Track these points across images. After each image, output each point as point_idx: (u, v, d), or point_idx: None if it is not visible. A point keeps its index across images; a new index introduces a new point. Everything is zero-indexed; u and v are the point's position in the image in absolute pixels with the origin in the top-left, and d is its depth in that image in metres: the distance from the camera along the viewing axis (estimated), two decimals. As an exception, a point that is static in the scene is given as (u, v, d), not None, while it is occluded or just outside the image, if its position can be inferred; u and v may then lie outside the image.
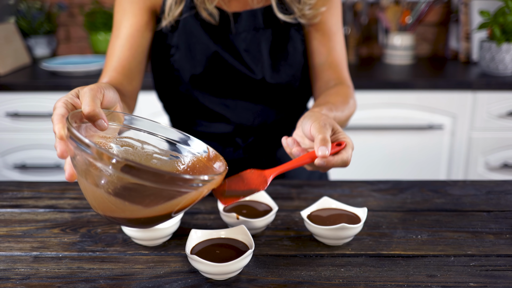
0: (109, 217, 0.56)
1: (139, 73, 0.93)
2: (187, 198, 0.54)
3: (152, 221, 0.57)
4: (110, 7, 2.26)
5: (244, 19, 0.93)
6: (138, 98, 0.96)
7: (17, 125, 1.88)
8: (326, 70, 0.98)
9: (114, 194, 0.52)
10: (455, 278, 0.63)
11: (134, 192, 0.52)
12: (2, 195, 0.91)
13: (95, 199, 0.54)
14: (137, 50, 0.91)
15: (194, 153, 0.68)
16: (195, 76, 0.95)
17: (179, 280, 0.63)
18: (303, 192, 0.91)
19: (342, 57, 0.99)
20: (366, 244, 0.72)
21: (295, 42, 0.96)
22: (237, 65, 0.94)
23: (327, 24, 0.97)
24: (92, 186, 0.53)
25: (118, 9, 0.92)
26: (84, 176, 0.53)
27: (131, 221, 0.56)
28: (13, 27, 2.11)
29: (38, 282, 0.63)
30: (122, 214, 0.55)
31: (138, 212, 0.54)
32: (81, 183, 0.55)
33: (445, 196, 0.89)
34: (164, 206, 0.54)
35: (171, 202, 0.54)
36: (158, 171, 0.50)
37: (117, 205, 0.53)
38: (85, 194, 0.56)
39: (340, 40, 0.99)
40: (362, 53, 2.35)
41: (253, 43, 0.94)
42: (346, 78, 0.99)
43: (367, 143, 1.89)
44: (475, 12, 2.07)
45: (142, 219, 0.55)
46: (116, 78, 0.88)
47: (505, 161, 1.88)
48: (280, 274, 0.64)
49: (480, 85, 1.79)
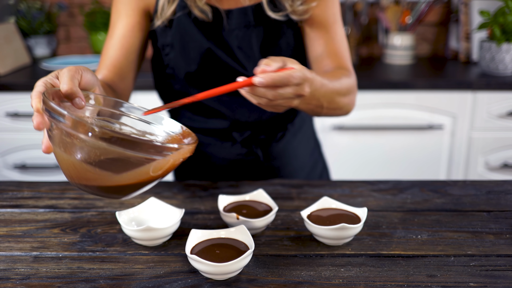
0: (83, 186, 0.59)
1: (131, 71, 0.96)
2: (155, 166, 0.57)
3: (123, 190, 0.60)
4: (110, 7, 2.25)
5: (235, 17, 0.93)
6: (131, 95, 0.98)
7: (17, 125, 1.88)
8: (325, 60, 0.95)
9: (85, 162, 0.56)
10: (455, 278, 0.63)
11: (104, 158, 0.55)
12: (2, 195, 0.91)
13: (70, 168, 0.58)
14: (128, 49, 0.94)
15: (168, 132, 0.71)
16: (190, 74, 0.96)
17: (179, 280, 0.63)
18: (303, 192, 0.91)
19: (342, 47, 0.96)
20: (366, 244, 0.72)
21: (287, 38, 0.96)
22: (230, 62, 0.95)
23: (322, 17, 0.95)
24: (66, 155, 0.57)
25: (114, 10, 0.95)
26: (59, 146, 0.57)
27: (103, 189, 0.59)
28: (13, 27, 2.11)
29: (38, 282, 0.63)
30: (94, 182, 0.58)
31: (109, 179, 0.58)
32: (57, 155, 0.59)
33: (445, 196, 0.89)
34: (133, 173, 0.57)
35: (140, 169, 0.57)
36: (126, 136, 0.54)
37: (89, 173, 0.57)
38: (61, 165, 0.60)
39: (338, 32, 0.97)
40: (362, 53, 2.35)
41: (245, 40, 0.94)
42: (347, 65, 0.95)
43: (367, 143, 1.89)
44: (475, 12, 2.07)
45: (114, 187, 0.59)
46: (108, 77, 0.91)
47: (505, 161, 1.88)
48: (280, 274, 0.64)
49: (480, 85, 1.79)
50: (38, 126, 0.60)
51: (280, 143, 1.06)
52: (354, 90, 0.92)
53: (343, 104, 0.89)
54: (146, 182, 0.60)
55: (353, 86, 0.91)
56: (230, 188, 0.93)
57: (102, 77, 0.91)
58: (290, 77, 0.65)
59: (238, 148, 1.04)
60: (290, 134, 1.07)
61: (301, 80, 0.67)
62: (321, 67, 0.96)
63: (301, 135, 1.10)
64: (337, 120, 1.84)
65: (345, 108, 0.91)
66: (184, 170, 1.12)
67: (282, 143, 1.06)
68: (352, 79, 0.92)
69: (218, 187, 0.94)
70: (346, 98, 0.89)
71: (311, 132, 1.15)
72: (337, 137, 1.88)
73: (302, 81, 0.67)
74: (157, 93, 1.06)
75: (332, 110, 0.88)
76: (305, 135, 1.12)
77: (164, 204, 0.78)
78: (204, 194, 0.91)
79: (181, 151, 0.59)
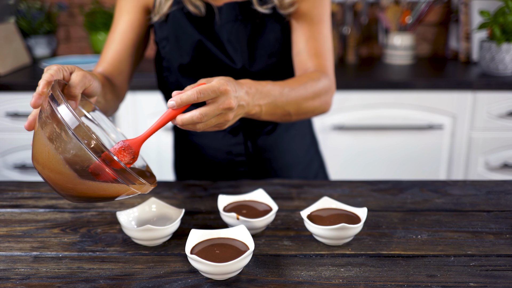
0: (45, 172, 0.62)
1: (129, 66, 1.01)
2: (115, 188, 0.62)
3: (76, 195, 0.64)
4: (110, 7, 2.26)
5: (225, 11, 0.96)
6: (128, 88, 1.03)
7: (17, 125, 1.88)
8: (305, 58, 0.97)
9: (62, 156, 0.60)
10: (455, 278, 0.63)
11: (80, 162, 0.60)
12: (2, 195, 0.91)
13: (42, 152, 0.61)
14: (127, 44, 0.99)
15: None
16: (183, 66, 0.99)
17: (179, 280, 0.63)
18: (303, 192, 0.91)
19: (324, 47, 0.98)
20: (366, 244, 0.72)
21: (275, 33, 0.97)
22: (219, 55, 0.97)
23: (309, 15, 0.97)
24: (46, 141, 0.61)
25: (117, 7, 1.02)
26: (44, 131, 0.61)
27: (60, 185, 0.62)
28: (13, 27, 2.11)
29: (38, 282, 0.63)
30: (57, 175, 0.61)
31: (71, 180, 0.61)
32: (38, 136, 0.63)
33: (445, 196, 0.89)
34: (94, 185, 0.61)
35: (101, 184, 0.61)
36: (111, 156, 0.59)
37: (58, 165, 0.60)
38: (35, 145, 0.63)
39: (323, 32, 0.98)
40: (362, 53, 2.35)
41: (234, 34, 0.96)
42: (326, 68, 0.97)
43: (367, 143, 1.89)
44: (475, 12, 2.07)
45: (70, 188, 0.62)
46: (108, 69, 0.97)
47: (505, 161, 1.88)
48: (280, 274, 0.64)
49: (480, 85, 1.79)
50: (35, 105, 0.66)
51: (271, 136, 1.07)
52: (327, 92, 0.94)
53: (314, 107, 0.92)
54: (98, 197, 0.64)
55: (323, 88, 0.92)
56: (230, 188, 0.93)
57: (102, 70, 0.97)
58: (196, 93, 0.66)
59: (228, 139, 1.05)
60: (282, 129, 1.08)
61: (214, 94, 0.68)
62: (302, 66, 0.98)
63: (294, 131, 1.11)
64: (337, 120, 1.84)
65: (317, 110, 0.94)
66: (180, 162, 1.15)
67: (273, 136, 1.07)
68: (324, 81, 0.93)
69: (218, 187, 0.94)
70: (316, 101, 0.92)
71: (306, 129, 1.16)
72: (337, 137, 1.88)
73: (215, 94, 0.68)
74: (161, 93, 1.08)
75: (302, 114, 0.92)
76: (299, 131, 1.13)
77: (164, 204, 0.78)
78: (204, 194, 0.91)
79: (144, 188, 0.63)
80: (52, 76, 0.67)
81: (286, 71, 1.02)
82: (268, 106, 0.83)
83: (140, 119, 1.88)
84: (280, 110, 0.86)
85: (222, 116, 0.71)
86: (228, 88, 0.69)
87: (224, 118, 0.71)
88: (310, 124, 1.18)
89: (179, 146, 1.15)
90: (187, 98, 0.66)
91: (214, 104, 0.69)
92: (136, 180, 0.61)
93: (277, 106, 0.84)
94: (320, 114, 0.97)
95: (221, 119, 0.71)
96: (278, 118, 0.88)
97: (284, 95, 0.85)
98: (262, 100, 0.81)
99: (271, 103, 0.83)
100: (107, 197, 0.64)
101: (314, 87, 0.91)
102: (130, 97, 1.84)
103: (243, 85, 0.76)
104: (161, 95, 1.10)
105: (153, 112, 1.85)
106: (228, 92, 0.69)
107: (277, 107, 0.85)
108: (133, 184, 0.62)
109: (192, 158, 1.12)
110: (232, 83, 0.72)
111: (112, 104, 0.96)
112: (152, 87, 1.80)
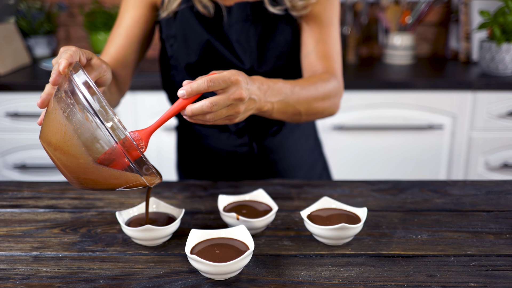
0: (56, 158, 0.60)
1: (133, 61, 1.00)
2: (127, 176, 0.61)
3: (86, 182, 0.62)
4: (110, 7, 2.26)
5: (235, 11, 0.95)
6: (129, 84, 1.03)
7: (17, 125, 1.88)
8: (314, 60, 0.97)
9: (80, 140, 0.58)
10: (455, 278, 0.63)
11: (98, 146, 0.58)
12: (2, 195, 0.91)
13: (57, 132, 0.59)
14: (132, 39, 0.98)
15: None
16: (190, 65, 0.98)
17: (179, 280, 0.63)
18: (303, 192, 0.91)
19: (333, 50, 0.98)
20: (366, 244, 0.72)
21: (285, 34, 0.97)
22: (227, 55, 0.97)
23: (319, 17, 0.97)
24: (65, 121, 0.59)
25: (123, 1, 1.01)
26: (63, 109, 0.59)
27: (71, 170, 0.60)
28: (13, 27, 2.11)
29: (38, 282, 0.63)
30: (70, 157, 0.59)
31: (85, 165, 0.59)
32: (52, 114, 0.60)
33: (445, 196, 0.89)
34: (106, 172, 0.60)
35: (113, 172, 0.60)
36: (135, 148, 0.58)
37: (73, 147, 0.59)
38: (49, 125, 0.61)
39: (332, 34, 0.98)
40: (362, 53, 2.35)
41: (244, 34, 0.96)
42: (335, 70, 0.97)
43: (367, 143, 1.89)
44: (475, 12, 2.07)
45: (82, 173, 0.60)
46: (111, 63, 0.96)
47: (505, 161, 1.88)
48: (280, 274, 0.64)
49: (480, 85, 1.79)
50: (55, 82, 0.63)
51: (276, 137, 1.07)
52: (336, 94, 0.94)
53: (323, 108, 0.92)
54: (107, 184, 0.62)
55: (333, 90, 0.92)
56: (230, 188, 0.93)
57: None
58: (207, 82, 0.65)
59: (234, 140, 1.05)
60: (287, 130, 1.08)
61: (224, 84, 0.67)
62: (310, 68, 0.98)
63: (299, 132, 1.11)
64: (337, 120, 1.84)
65: (326, 112, 0.94)
66: (186, 163, 1.15)
67: (279, 137, 1.07)
68: (334, 83, 0.93)
69: (218, 187, 0.94)
70: (326, 102, 0.92)
71: (311, 131, 1.16)
72: (337, 137, 1.88)
73: (225, 84, 0.67)
74: (165, 93, 1.08)
75: (312, 115, 0.92)
76: (304, 133, 1.12)
77: (164, 204, 0.78)
78: (204, 194, 0.91)
79: (154, 180, 0.63)
80: (72, 57, 0.65)
81: (294, 72, 1.01)
82: (280, 103, 0.82)
83: (140, 119, 1.87)
84: (291, 108, 0.85)
85: (233, 108, 0.69)
86: (239, 79, 0.68)
87: (235, 110, 0.70)
88: (314, 126, 1.18)
89: (183, 147, 1.14)
90: (198, 87, 0.65)
91: (225, 93, 0.67)
92: (149, 170, 0.60)
93: (288, 104, 0.84)
94: (328, 116, 0.96)
95: (231, 111, 0.70)
96: (288, 117, 0.87)
97: (295, 94, 0.84)
98: (274, 97, 0.80)
99: (282, 101, 0.82)
100: (115, 185, 0.63)
101: (324, 88, 0.90)
102: (130, 97, 1.84)
103: (255, 81, 0.76)
104: (165, 95, 1.09)
105: (153, 112, 1.85)
106: (239, 83, 0.68)
107: (288, 106, 0.84)
108: (146, 174, 0.61)
109: (197, 159, 1.11)
110: (244, 76, 0.71)
111: (115, 97, 0.96)
112: (152, 87, 1.80)
